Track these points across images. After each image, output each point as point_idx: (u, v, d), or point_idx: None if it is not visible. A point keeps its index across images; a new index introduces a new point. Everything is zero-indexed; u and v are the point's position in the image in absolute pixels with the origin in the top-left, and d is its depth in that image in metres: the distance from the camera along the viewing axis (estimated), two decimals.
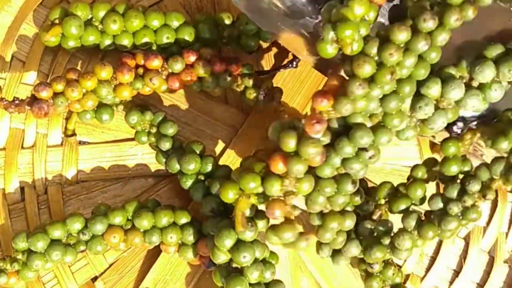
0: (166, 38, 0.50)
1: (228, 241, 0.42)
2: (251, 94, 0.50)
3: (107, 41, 0.50)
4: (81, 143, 0.53)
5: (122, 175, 0.53)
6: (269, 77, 0.54)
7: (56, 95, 0.47)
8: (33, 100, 0.47)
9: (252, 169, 0.41)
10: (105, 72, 0.47)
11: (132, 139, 0.52)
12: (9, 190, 0.52)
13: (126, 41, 0.50)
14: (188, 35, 0.51)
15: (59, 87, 0.47)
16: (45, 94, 0.46)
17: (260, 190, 0.41)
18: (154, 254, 0.51)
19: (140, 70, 0.48)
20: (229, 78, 0.49)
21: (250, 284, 0.43)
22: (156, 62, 0.48)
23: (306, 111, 0.54)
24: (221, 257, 0.43)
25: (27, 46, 0.53)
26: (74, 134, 0.52)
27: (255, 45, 0.53)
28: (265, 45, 0.56)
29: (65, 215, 0.51)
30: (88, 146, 0.52)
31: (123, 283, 0.51)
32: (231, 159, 0.52)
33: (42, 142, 0.52)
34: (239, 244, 0.43)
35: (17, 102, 0.47)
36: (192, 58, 0.48)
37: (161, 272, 0.51)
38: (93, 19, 0.50)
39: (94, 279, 0.51)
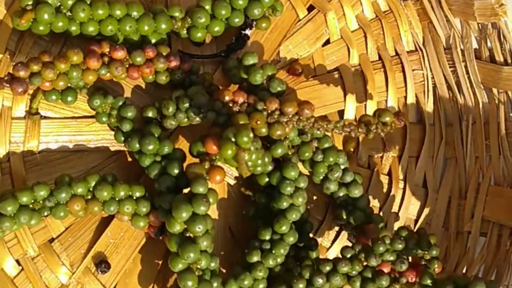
0: (129, 27, 0.55)
1: (185, 214, 0.49)
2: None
3: (74, 28, 0.54)
4: (42, 117, 0.57)
5: (79, 149, 0.58)
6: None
7: (32, 74, 0.51)
8: (12, 78, 0.50)
9: (245, 126, 0.50)
10: (77, 57, 0.52)
11: (89, 117, 0.57)
12: None
13: (92, 28, 0.54)
14: (147, 25, 0.56)
15: (35, 67, 0.51)
16: (23, 73, 0.50)
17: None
18: (105, 220, 0.57)
19: (105, 59, 0.54)
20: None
21: (200, 251, 0.50)
22: (120, 53, 0.53)
23: None
24: (176, 227, 0.50)
25: None
26: (37, 113, 0.56)
27: (202, 36, 0.59)
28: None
29: (25, 182, 0.56)
30: (49, 121, 0.57)
31: (78, 245, 0.56)
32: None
33: (7, 114, 0.56)
34: (195, 217, 0.49)
35: None
36: (151, 53, 0.54)
37: (112, 236, 0.57)
38: (62, 7, 0.54)
39: (51, 240, 0.56)
